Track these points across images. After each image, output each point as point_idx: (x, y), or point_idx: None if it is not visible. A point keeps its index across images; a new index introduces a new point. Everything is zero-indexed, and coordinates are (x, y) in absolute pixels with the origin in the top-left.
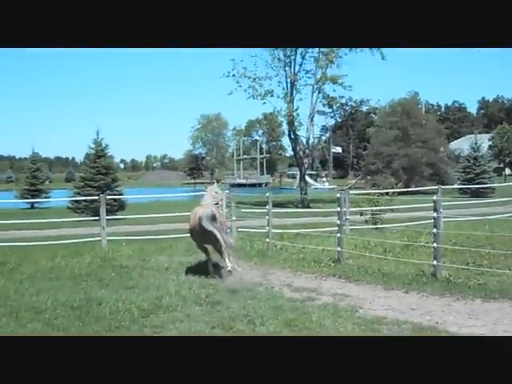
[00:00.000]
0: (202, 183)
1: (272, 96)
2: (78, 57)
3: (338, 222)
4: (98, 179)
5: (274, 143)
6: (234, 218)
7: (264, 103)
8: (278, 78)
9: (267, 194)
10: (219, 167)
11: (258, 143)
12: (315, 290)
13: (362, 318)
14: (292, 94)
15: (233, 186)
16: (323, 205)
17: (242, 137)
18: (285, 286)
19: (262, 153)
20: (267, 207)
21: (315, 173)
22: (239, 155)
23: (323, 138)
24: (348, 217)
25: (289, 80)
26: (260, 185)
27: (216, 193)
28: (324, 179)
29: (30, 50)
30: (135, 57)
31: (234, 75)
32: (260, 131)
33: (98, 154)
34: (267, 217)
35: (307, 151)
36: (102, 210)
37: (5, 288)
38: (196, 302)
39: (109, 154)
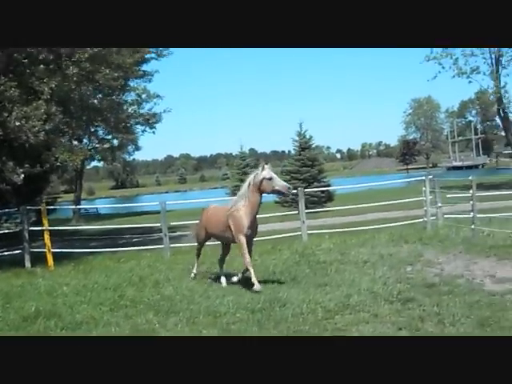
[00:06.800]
0: (416, 169)
1: (478, 73)
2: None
3: None
4: (304, 171)
5: (488, 123)
6: (440, 205)
7: (470, 82)
8: (483, 54)
9: (470, 178)
10: (434, 151)
11: (472, 124)
12: None
13: None
14: (498, 70)
15: (449, 169)
16: None
17: (455, 118)
18: (487, 277)
19: (476, 133)
20: (470, 191)
21: None
22: (453, 137)
23: None
24: None
25: (493, 56)
26: (477, 166)
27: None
28: None
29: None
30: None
31: (435, 57)
32: (473, 111)
33: (302, 147)
34: (471, 202)
35: None
36: (301, 204)
37: (191, 291)
38: (387, 299)
39: (313, 146)
